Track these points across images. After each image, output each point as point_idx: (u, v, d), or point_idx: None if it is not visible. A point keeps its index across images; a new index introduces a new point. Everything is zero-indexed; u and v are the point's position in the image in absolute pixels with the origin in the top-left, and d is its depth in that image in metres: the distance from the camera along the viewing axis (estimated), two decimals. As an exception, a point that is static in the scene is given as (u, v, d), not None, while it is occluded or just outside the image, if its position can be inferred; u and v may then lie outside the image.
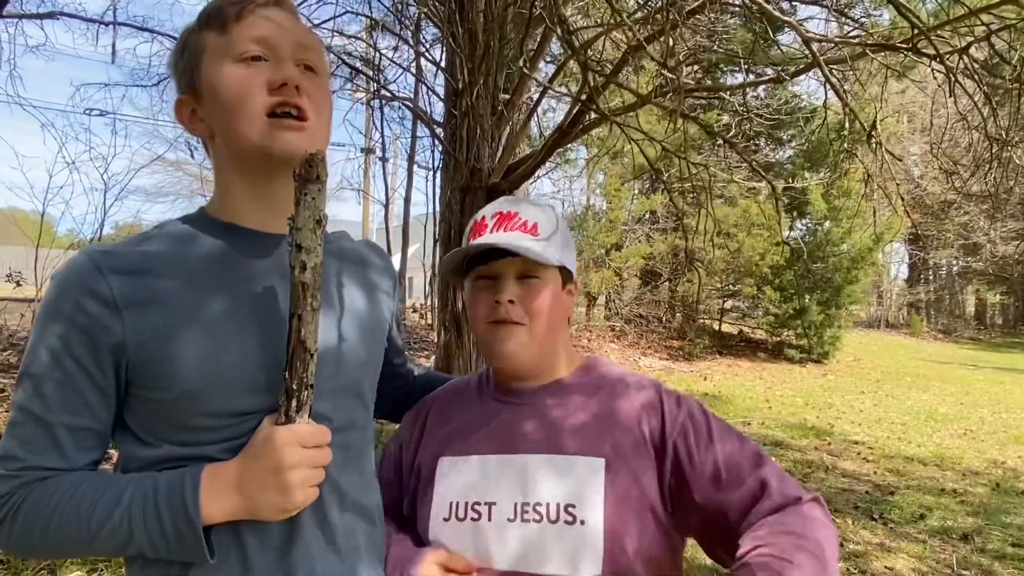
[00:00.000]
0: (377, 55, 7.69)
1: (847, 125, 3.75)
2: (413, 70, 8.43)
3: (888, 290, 28.40)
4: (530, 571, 1.00)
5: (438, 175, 8.86)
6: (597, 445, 1.04)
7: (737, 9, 5.56)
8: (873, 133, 3.33)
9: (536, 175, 13.73)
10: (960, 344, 23.36)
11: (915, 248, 27.30)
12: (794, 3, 6.14)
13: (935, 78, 3.04)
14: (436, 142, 7.98)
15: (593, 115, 4.55)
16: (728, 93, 6.39)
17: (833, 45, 4.15)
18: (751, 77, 8.42)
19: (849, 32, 5.08)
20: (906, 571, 3.90)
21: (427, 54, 6.98)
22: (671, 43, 3.76)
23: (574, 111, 4.76)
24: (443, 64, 6.17)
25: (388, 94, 7.77)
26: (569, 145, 11.12)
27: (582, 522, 0.98)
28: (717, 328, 15.75)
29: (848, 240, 13.72)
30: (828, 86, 3.96)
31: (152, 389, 0.88)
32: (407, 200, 15.02)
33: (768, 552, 0.89)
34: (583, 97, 4.37)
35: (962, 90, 3.34)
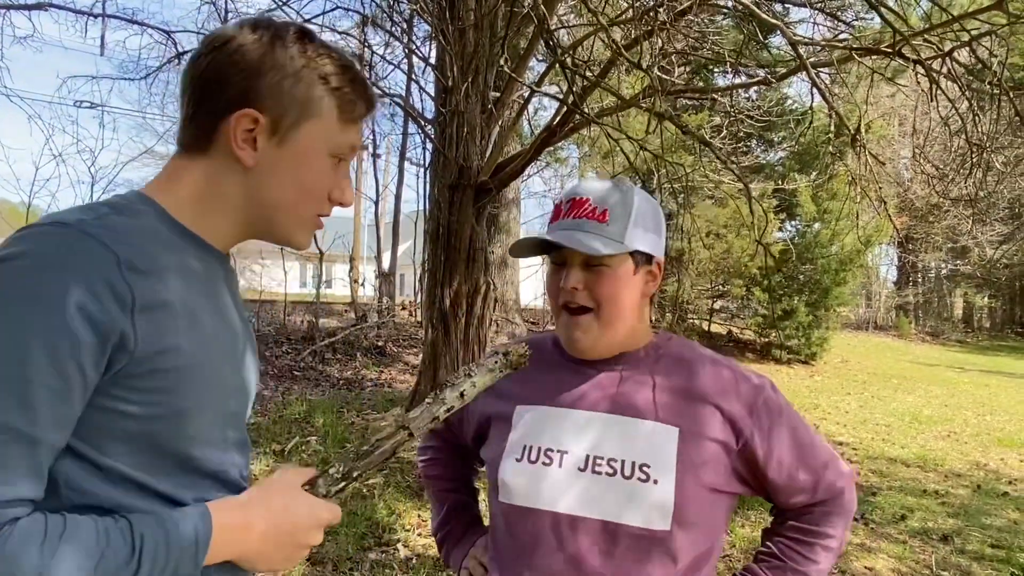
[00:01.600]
0: (369, 51, 7.68)
1: (833, 128, 3.78)
2: (404, 67, 8.44)
3: (877, 292, 28.55)
4: (600, 518, 1.07)
5: (429, 172, 8.88)
6: (673, 416, 1.11)
7: (727, 11, 5.58)
8: (858, 136, 3.35)
9: (527, 173, 13.77)
10: (947, 346, 23.53)
11: (904, 251, 27.47)
12: (787, 5, 6.18)
13: (918, 83, 3.07)
14: (426, 139, 7.99)
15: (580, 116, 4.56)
16: (719, 94, 6.42)
17: (820, 48, 4.18)
18: (742, 79, 8.46)
19: (839, 35, 5.12)
20: (886, 571, 3.94)
21: (418, 51, 6.98)
22: (659, 44, 3.78)
23: (562, 111, 4.77)
24: (433, 61, 6.18)
25: (379, 91, 7.76)
26: (560, 144, 11.15)
27: (655, 481, 1.06)
28: (706, 328, 15.80)
29: (837, 242, 13.79)
30: (815, 89, 4.00)
31: (144, 404, 0.79)
32: (398, 197, 15.00)
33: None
34: (570, 99, 4.38)
35: (945, 95, 3.37)
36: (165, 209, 0.89)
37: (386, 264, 14.91)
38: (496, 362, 0.99)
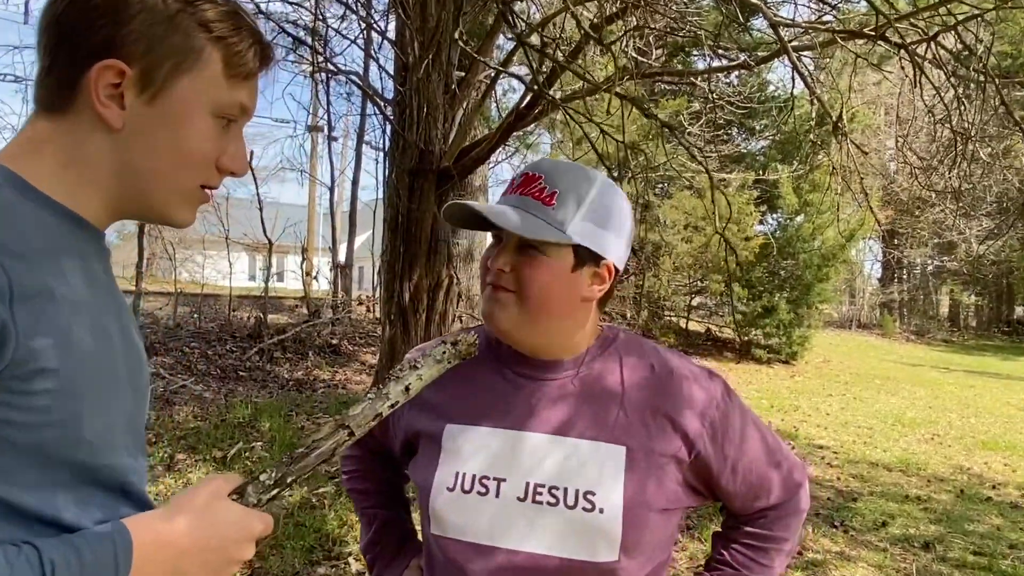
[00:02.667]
0: (323, 25, 7.59)
1: (814, 115, 3.82)
2: (362, 43, 8.35)
3: (860, 289, 29.12)
4: (541, 552, 1.04)
5: (388, 157, 8.82)
6: (619, 432, 1.08)
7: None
8: (839, 124, 3.41)
9: (494, 160, 13.74)
10: (932, 346, 24.09)
11: (888, 246, 28.04)
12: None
13: (903, 69, 3.13)
14: (386, 121, 7.93)
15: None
16: (698, 78, 6.46)
17: (803, 31, 4.23)
18: (722, 62, 8.55)
19: (822, 18, 5.18)
20: (865, 580, 4.02)
21: (376, 26, 6.91)
22: (633, 23, 3.79)
23: (530, 94, 4.77)
24: (393, 36, 6.12)
25: (334, 68, 7.68)
26: (529, 129, 11.14)
27: (601, 510, 1.03)
28: (684, 326, 15.97)
29: (819, 236, 14.00)
30: (796, 73, 4.05)
31: (31, 410, 0.73)
32: (355, 183, 14.89)
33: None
34: (540, 80, 4.38)
35: (931, 82, 3.43)
36: (26, 180, 0.80)
37: (342, 256, 14.80)
38: (444, 352, 0.96)
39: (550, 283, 1.06)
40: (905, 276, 31.60)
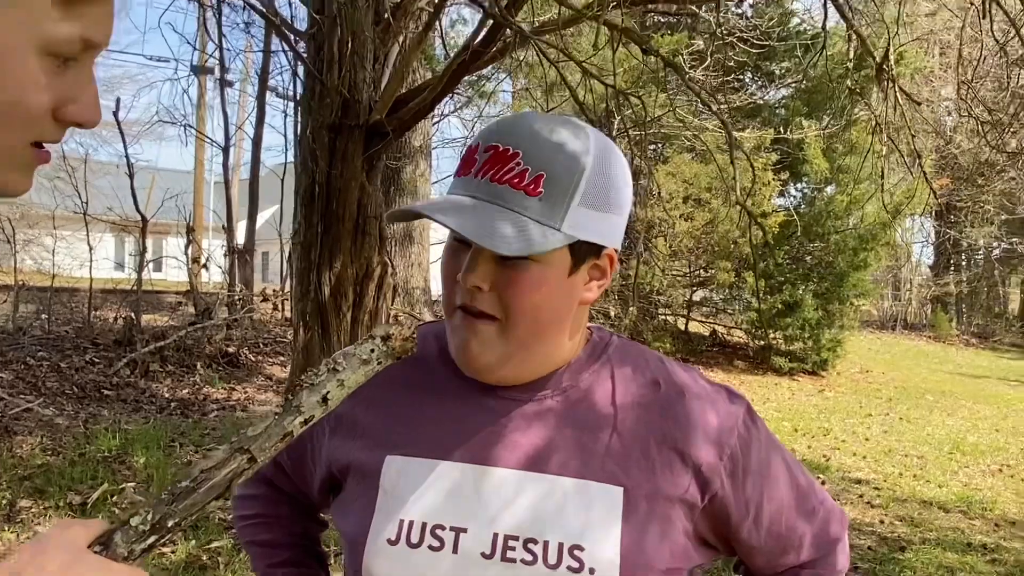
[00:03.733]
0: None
1: (853, 56, 3.86)
2: (265, -44, 8.23)
3: (908, 279, 29.64)
4: None
5: (300, 107, 8.72)
6: (616, 467, 1.07)
7: None
8: (884, 67, 3.44)
9: (440, 112, 13.69)
10: (999, 352, 24.63)
11: (944, 224, 28.53)
12: None
13: (965, -4, 3.15)
14: (297, 61, 7.84)
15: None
16: (702, 7, 6.51)
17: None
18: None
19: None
20: (916, 651, 4.10)
21: (284, -66, 6.81)
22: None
23: (487, 25, 4.74)
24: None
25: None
26: (485, 72, 11.11)
27: (591, 570, 1.01)
28: (683, 328, 16.09)
29: (856, 211, 14.14)
30: (829, 1, 4.08)
31: None
32: (257, 142, 14.70)
33: None
34: (500, 5, 4.36)
35: (1003, 10, 3.48)
36: None
37: (240, 237, 14.63)
38: (372, 350, 0.91)
39: (543, 299, 1.03)
40: (965, 263, 32.21)
